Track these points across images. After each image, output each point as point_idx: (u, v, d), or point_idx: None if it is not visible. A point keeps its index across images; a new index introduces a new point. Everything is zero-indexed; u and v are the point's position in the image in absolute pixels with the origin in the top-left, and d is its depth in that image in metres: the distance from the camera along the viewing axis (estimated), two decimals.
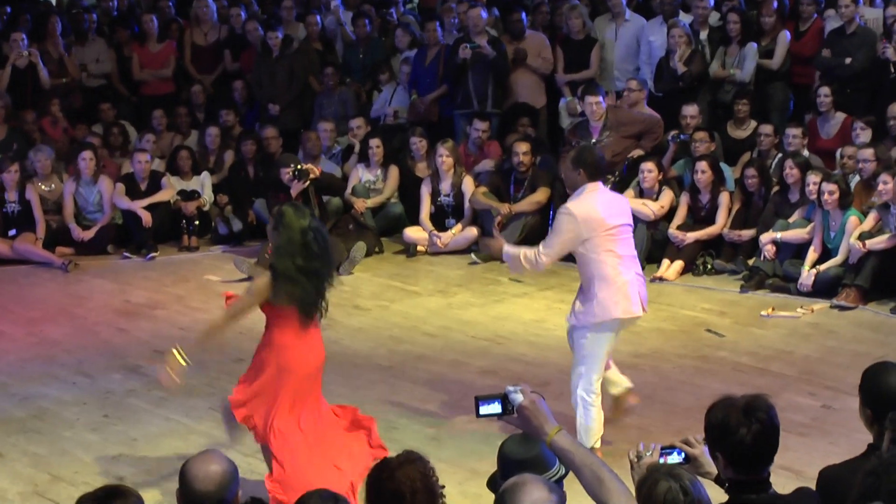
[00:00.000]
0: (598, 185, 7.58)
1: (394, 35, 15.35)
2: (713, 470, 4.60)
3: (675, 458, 4.64)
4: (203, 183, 13.74)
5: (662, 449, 4.67)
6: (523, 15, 14.21)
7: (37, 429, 8.56)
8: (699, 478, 4.16)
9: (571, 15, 14.07)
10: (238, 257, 12.27)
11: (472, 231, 12.95)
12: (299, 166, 11.96)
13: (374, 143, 13.53)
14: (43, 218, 13.16)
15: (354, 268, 12.29)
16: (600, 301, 7.41)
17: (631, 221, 7.69)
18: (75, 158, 13.40)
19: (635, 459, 4.64)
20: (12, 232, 13.11)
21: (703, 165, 12.02)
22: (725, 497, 4.46)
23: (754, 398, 4.45)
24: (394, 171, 13.56)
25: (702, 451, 4.67)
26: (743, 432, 4.34)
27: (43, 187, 13.35)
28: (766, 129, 12.46)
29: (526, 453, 4.61)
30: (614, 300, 7.43)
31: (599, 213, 7.44)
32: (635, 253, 7.68)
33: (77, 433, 8.47)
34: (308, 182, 11.89)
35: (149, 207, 13.20)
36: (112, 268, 12.77)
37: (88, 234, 13.20)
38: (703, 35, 13.66)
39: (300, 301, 6.71)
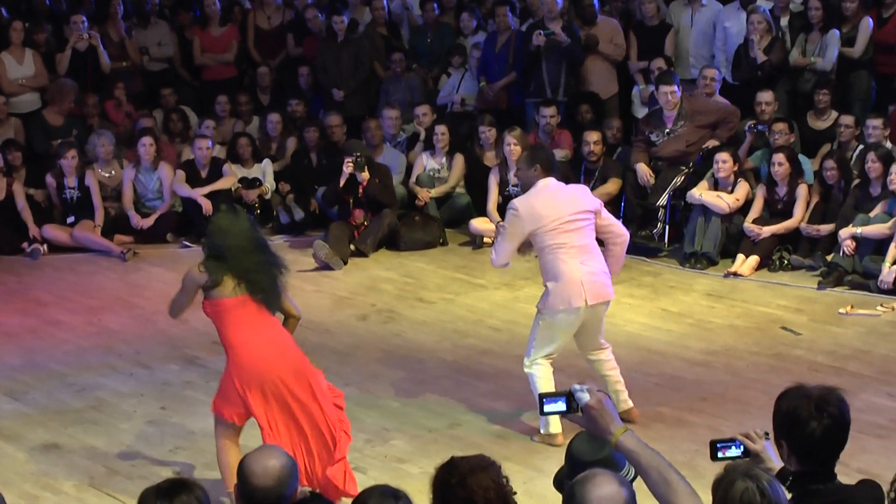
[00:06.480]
0: (551, 180, 7.93)
1: (459, 18, 15.15)
2: (775, 466, 4.48)
3: (733, 452, 4.51)
4: (265, 170, 13.60)
5: (720, 442, 4.54)
6: (595, 0, 13.95)
7: (94, 420, 8.57)
8: None
9: (645, 0, 13.80)
10: (318, 241, 12.14)
11: None
12: (362, 157, 12.26)
13: (440, 129, 13.36)
14: (102, 205, 13.09)
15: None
16: (550, 292, 7.83)
17: (591, 208, 7.88)
18: (135, 144, 13.29)
19: None
20: (71, 219, 13.04)
21: (780, 157, 11.75)
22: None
23: (828, 391, 4.40)
24: (459, 160, 13.36)
25: (763, 447, 4.55)
26: (813, 426, 4.30)
27: (103, 173, 13.27)
28: (847, 119, 12.12)
29: (596, 453, 4.54)
30: (559, 293, 7.76)
31: (543, 208, 7.79)
32: (590, 243, 7.88)
33: (134, 425, 8.47)
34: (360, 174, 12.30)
35: (209, 195, 13.06)
36: (171, 257, 12.64)
37: (147, 222, 13.12)
38: (784, 21, 13.31)
39: (265, 294, 6.89)
